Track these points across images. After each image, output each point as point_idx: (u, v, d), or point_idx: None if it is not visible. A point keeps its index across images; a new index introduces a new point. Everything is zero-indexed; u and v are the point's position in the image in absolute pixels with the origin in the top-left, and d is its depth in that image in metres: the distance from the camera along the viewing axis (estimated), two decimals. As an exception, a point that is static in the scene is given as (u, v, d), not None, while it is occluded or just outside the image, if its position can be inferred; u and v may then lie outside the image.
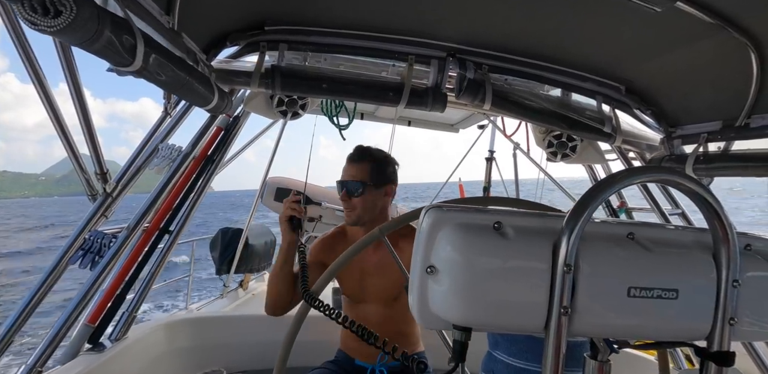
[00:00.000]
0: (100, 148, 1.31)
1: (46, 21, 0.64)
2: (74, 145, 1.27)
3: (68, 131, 1.26)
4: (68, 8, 0.64)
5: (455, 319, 0.53)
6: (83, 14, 0.66)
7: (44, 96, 1.17)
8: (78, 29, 0.68)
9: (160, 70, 1.02)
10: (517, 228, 0.53)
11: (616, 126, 1.67)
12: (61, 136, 1.23)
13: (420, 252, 0.56)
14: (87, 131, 1.26)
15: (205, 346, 2.02)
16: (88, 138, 1.27)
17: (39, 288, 1.24)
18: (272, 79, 1.50)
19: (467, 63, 1.60)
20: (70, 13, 0.64)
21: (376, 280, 1.57)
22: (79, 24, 0.67)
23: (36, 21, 0.64)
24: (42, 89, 1.14)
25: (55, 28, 0.65)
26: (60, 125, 1.23)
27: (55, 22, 0.64)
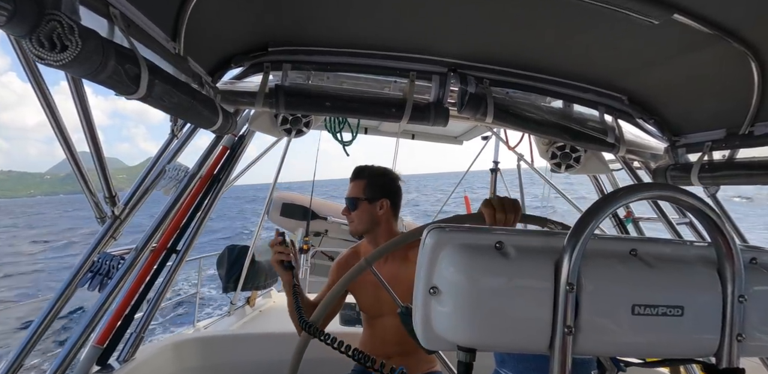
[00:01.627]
0: (108, 173, 1.33)
1: (53, 55, 0.66)
2: (84, 170, 1.29)
3: (78, 158, 1.29)
4: (73, 43, 0.66)
5: (459, 340, 0.53)
6: (88, 47, 0.68)
7: (57, 127, 1.20)
8: (83, 62, 0.70)
9: (164, 96, 1.04)
10: (518, 248, 0.53)
11: (620, 136, 1.67)
12: (72, 162, 1.26)
13: (422, 273, 0.56)
14: (96, 156, 1.29)
15: (214, 366, 2.00)
16: (97, 163, 1.29)
17: (49, 311, 1.25)
18: (276, 98, 1.53)
19: (468, 77, 1.62)
20: (75, 47, 0.67)
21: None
22: (84, 57, 0.69)
23: (43, 56, 0.66)
24: (54, 118, 1.17)
25: (61, 62, 0.67)
26: (71, 153, 1.26)
27: (62, 56, 0.66)
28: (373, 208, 1.65)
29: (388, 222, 1.68)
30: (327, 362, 1.66)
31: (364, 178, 1.68)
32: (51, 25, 0.65)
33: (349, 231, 1.70)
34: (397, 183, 1.75)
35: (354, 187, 1.69)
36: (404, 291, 1.58)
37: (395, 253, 1.64)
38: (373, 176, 1.70)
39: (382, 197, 1.67)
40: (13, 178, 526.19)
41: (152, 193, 1.56)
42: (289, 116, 1.88)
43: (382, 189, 1.69)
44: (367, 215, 1.64)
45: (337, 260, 1.79)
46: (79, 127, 1.29)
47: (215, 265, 3.31)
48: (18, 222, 53.90)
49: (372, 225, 1.65)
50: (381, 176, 1.72)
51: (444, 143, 3.74)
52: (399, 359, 1.61)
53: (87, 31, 0.69)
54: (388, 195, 1.69)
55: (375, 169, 1.73)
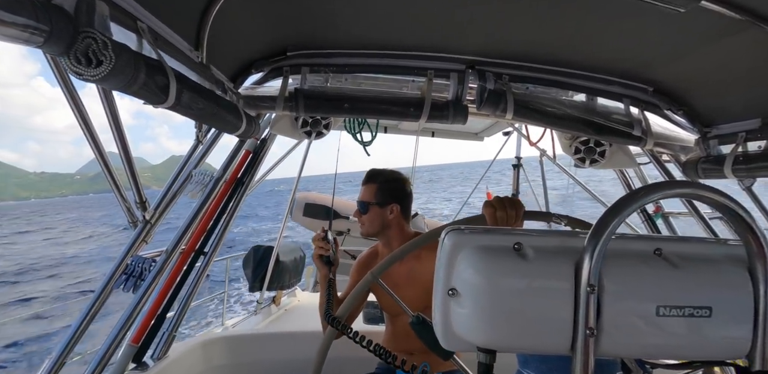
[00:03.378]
0: (139, 180, 1.38)
1: (89, 71, 0.70)
2: (117, 178, 1.35)
3: (111, 167, 1.35)
4: (108, 57, 0.70)
5: (479, 341, 0.53)
6: (121, 61, 0.72)
7: (91, 139, 1.26)
8: (117, 75, 0.73)
9: (191, 103, 1.08)
10: (537, 249, 0.53)
11: (647, 128, 1.62)
12: (105, 171, 1.32)
13: (441, 275, 0.56)
14: (127, 164, 1.34)
15: (242, 364, 2.05)
16: (128, 170, 1.34)
17: (88, 312, 1.31)
18: (296, 101, 1.55)
19: (487, 74, 1.60)
20: (109, 62, 0.70)
21: (407, 291, 1.61)
22: (118, 70, 0.72)
23: (81, 72, 0.70)
24: (88, 131, 1.23)
25: (98, 77, 0.70)
26: (105, 162, 1.32)
27: (98, 70, 0.70)
28: (383, 212, 1.69)
29: (399, 225, 1.72)
30: (351, 361, 1.69)
31: (375, 183, 1.72)
32: (86, 42, 0.69)
33: (360, 233, 1.75)
34: (408, 187, 1.78)
35: (365, 190, 1.73)
36: (420, 291, 1.61)
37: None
38: (384, 181, 1.73)
39: (393, 202, 1.70)
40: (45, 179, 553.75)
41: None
42: (309, 119, 1.90)
43: (393, 194, 1.72)
44: (378, 219, 1.68)
45: (358, 259, 1.84)
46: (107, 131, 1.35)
47: (242, 266, 3.40)
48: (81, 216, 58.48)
49: (382, 228, 1.69)
50: (392, 181, 1.75)
51: (465, 140, 3.71)
52: (421, 356, 1.62)
53: (119, 46, 0.73)
54: (398, 200, 1.72)
55: (386, 173, 1.76)
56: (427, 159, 74.35)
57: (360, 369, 1.72)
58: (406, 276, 1.62)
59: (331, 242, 1.62)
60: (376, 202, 1.68)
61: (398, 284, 1.63)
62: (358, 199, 1.73)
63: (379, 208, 1.68)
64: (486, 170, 4.33)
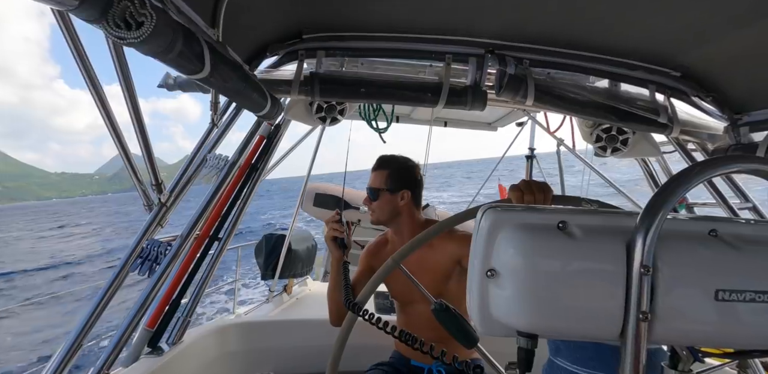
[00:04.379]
0: (155, 161, 1.36)
1: (131, 33, 0.68)
2: (132, 159, 1.33)
3: (127, 147, 1.33)
4: (148, 17, 0.69)
5: (519, 325, 0.51)
6: (161, 21, 0.71)
7: (107, 117, 1.24)
8: (158, 36, 0.72)
9: (224, 76, 1.06)
10: (584, 228, 0.50)
11: (673, 115, 1.56)
12: (121, 152, 1.30)
13: (479, 255, 0.53)
14: (144, 145, 1.32)
15: (255, 350, 2.06)
16: (144, 151, 1.33)
17: (104, 295, 1.31)
18: (311, 86, 1.52)
19: (507, 58, 1.56)
20: (150, 21, 0.69)
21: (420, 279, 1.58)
22: (159, 31, 0.71)
23: (122, 35, 0.68)
24: (104, 110, 1.21)
25: (141, 38, 0.69)
26: (120, 141, 1.30)
27: (139, 32, 0.69)
28: (394, 199, 1.65)
29: (409, 212, 1.68)
30: (364, 349, 1.67)
31: (386, 169, 1.68)
32: (122, 4, 0.67)
33: (370, 220, 1.71)
34: (418, 173, 1.74)
35: (376, 177, 1.69)
36: (431, 278, 1.59)
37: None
38: (396, 167, 1.70)
39: (404, 188, 1.67)
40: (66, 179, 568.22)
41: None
42: (323, 104, 1.87)
43: (404, 180, 1.69)
44: (389, 206, 1.65)
45: (367, 247, 1.81)
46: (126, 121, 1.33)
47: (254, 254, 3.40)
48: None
49: (393, 215, 1.66)
50: (403, 167, 1.71)
51: (478, 130, 3.65)
52: (438, 345, 1.59)
53: (155, 6, 0.71)
54: (409, 186, 1.68)
55: (397, 159, 1.73)
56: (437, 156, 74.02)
57: (373, 358, 1.71)
58: (417, 264, 1.60)
59: (345, 225, 1.60)
60: (387, 189, 1.65)
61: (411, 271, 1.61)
62: (367, 186, 1.70)
63: (390, 195, 1.65)
64: (498, 161, 4.27)
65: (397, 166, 1.70)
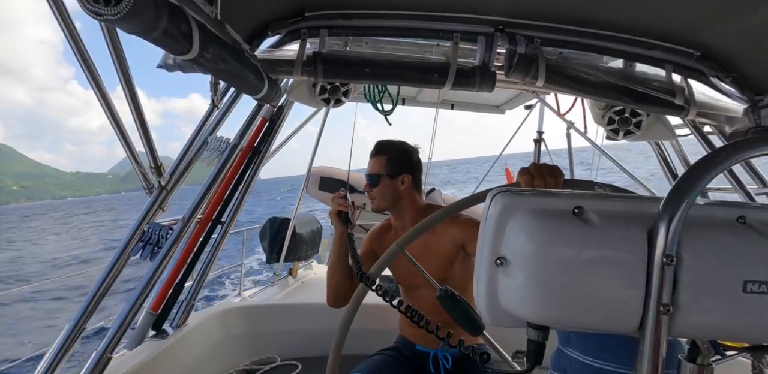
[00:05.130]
0: (153, 143, 1.33)
1: (108, 10, 0.65)
2: (130, 141, 1.30)
3: (124, 128, 1.30)
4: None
5: (530, 317, 0.48)
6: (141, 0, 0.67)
7: (101, 95, 1.20)
8: (138, 15, 0.69)
9: (215, 57, 1.01)
10: (601, 214, 0.46)
11: (690, 97, 1.50)
12: (118, 132, 1.27)
13: (487, 242, 0.50)
14: (141, 126, 1.29)
15: (259, 333, 2.07)
16: (141, 133, 1.30)
17: (104, 279, 1.30)
18: (314, 66, 1.47)
19: (517, 37, 1.49)
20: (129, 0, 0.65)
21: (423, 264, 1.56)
22: (139, 9, 0.68)
23: (99, 11, 0.65)
24: (98, 89, 1.17)
25: (118, 16, 0.66)
26: (116, 122, 1.26)
27: (117, 9, 0.66)
28: (395, 184, 1.63)
29: (411, 196, 1.66)
30: (368, 333, 1.67)
31: (384, 154, 1.65)
32: None
33: (372, 208, 1.69)
34: (417, 157, 1.71)
35: (375, 163, 1.66)
36: (435, 263, 1.56)
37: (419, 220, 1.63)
38: (394, 151, 1.67)
39: (404, 172, 1.64)
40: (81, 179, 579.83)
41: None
42: (327, 85, 1.82)
43: (404, 165, 1.66)
44: (389, 191, 1.63)
45: (370, 232, 1.79)
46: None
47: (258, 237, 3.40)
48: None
49: (394, 201, 1.64)
50: (402, 151, 1.68)
51: (485, 113, 3.57)
52: (443, 329, 1.58)
53: None
54: (409, 170, 1.66)
55: (395, 144, 1.69)
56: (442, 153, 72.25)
57: (377, 343, 1.71)
58: (420, 249, 1.58)
59: (350, 202, 1.58)
60: (387, 174, 1.62)
61: (416, 256, 1.59)
62: (366, 173, 1.67)
63: (390, 180, 1.62)
64: (506, 144, 4.20)
65: (395, 150, 1.67)
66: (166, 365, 1.53)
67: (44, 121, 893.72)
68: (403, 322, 1.71)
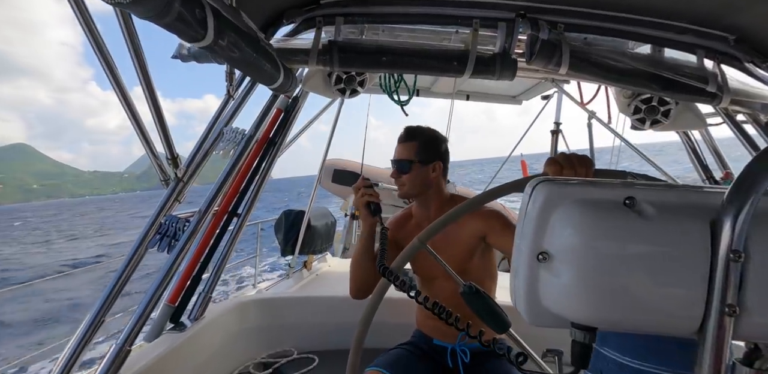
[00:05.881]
0: (170, 134, 1.32)
1: None
2: (147, 132, 1.29)
3: (140, 119, 1.28)
4: None
5: (576, 317, 0.44)
6: None
7: (115, 84, 1.18)
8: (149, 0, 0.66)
9: (231, 45, 0.99)
10: (656, 205, 0.42)
11: (723, 84, 1.43)
12: (134, 123, 1.25)
13: (528, 236, 0.46)
14: (157, 117, 1.28)
15: (276, 326, 2.07)
16: (158, 124, 1.28)
17: (123, 272, 1.30)
18: (330, 55, 1.44)
19: (540, 22, 1.43)
20: None
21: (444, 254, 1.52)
22: None
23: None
24: (113, 77, 1.16)
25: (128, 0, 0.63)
26: (132, 113, 1.25)
27: None
28: (426, 171, 1.57)
29: (438, 185, 1.61)
30: (385, 326, 1.65)
31: (416, 140, 1.59)
32: None
33: (399, 194, 1.62)
34: (447, 145, 1.65)
35: (405, 148, 1.59)
36: (455, 254, 1.51)
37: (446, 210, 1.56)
38: (426, 137, 1.60)
39: (436, 159, 1.58)
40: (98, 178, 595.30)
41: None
42: (343, 75, 1.79)
43: (436, 152, 1.60)
44: (420, 178, 1.57)
45: (390, 220, 1.73)
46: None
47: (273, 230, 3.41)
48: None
49: (424, 188, 1.58)
50: (433, 138, 1.62)
51: (501, 103, 3.50)
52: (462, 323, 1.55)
53: None
54: (441, 158, 1.60)
55: (426, 130, 1.63)
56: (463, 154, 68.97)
57: (394, 337, 1.68)
58: (443, 239, 1.53)
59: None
60: (419, 160, 1.56)
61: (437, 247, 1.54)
62: (395, 158, 1.59)
63: (422, 166, 1.56)
64: (524, 134, 4.12)
65: (427, 136, 1.61)
66: (184, 357, 1.53)
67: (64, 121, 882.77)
68: (421, 316, 1.68)
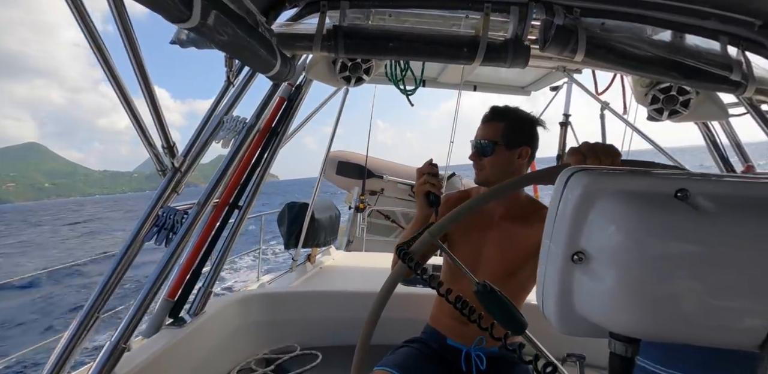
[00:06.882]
0: (165, 121, 1.26)
1: None
2: (142, 121, 1.23)
3: (136, 108, 1.22)
4: None
5: (616, 326, 0.38)
6: None
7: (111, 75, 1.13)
8: None
9: (220, 28, 0.93)
10: (715, 198, 0.36)
11: (748, 72, 1.36)
12: (127, 109, 1.19)
13: (561, 233, 0.41)
14: (150, 103, 1.22)
15: (278, 321, 2.03)
16: (152, 110, 1.22)
17: (117, 265, 1.25)
18: (335, 40, 1.37)
19: (554, 7, 1.36)
20: None
21: (496, 252, 1.42)
22: None
23: None
24: (105, 62, 1.10)
25: None
26: (125, 98, 1.19)
27: None
28: (511, 156, 1.39)
29: (521, 174, 1.42)
30: (393, 322, 1.60)
31: (503, 120, 1.40)
32: None
33: (476, 179, 1.44)
34: (537, 130, 1.46)
35: (489, 128, 1.40)
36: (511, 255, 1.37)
37: (518, 208, 1.43)
38: (514, 118, 1.42)
39: (524, 144, 1.40)
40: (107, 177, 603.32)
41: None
42: (348, 62, 1.72)
43: (524, 135, 1.42)
44: (503, 163, 1.39)
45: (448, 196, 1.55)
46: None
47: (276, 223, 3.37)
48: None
49: (506, 175, 1.40)
50: (523, 119, 1.43)
51: (509, 94, 3.42)
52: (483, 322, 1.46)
53: None
54: (529, 143, 1.42)
55: (516, 111, 1.44)
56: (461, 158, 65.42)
57: (403, 333, 1.62)
58: (506, 237, 1.41)
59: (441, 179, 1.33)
60: (504, 143, 1.38)
61: (492, 241, 1.43)
62: (477, 138, 1.42)
63: (508, 150, 1.39)
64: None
65: (516, 116, 1.42)
66: (183, 353, 1.49)
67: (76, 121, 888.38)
68: (439, 312, 1.56)
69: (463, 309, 0.69)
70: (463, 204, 0.76)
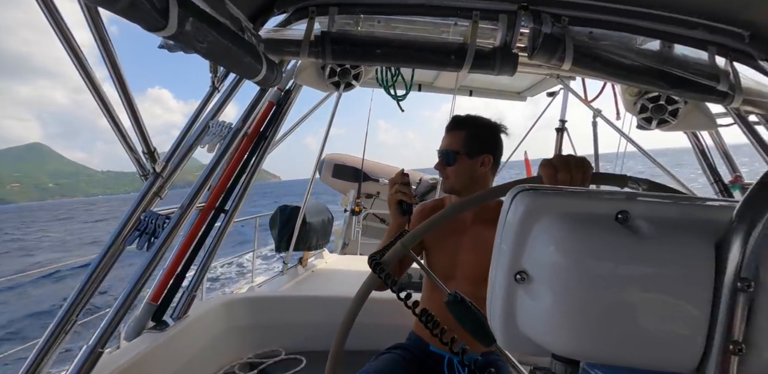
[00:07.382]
0: (144, 126, 1.26)
1: None
2: (122, 126, 1.23)
3: (116, 114, 1.22)
4: None
5: (556, 347, 0.38)
6: None
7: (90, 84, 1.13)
8: None
9: (198, 35, 0.93)
10: (654, 221, 0.36)
11: (735, 83, 1.35)
12: (108, 116, 1.19)
13: (505, 251, 0.40)
14: (129, 108, 1.22)
15: (264, 325, 2.02)
16: (130, 115, 1.22)
17: (95, 269, 1.24)
18: (322, 46, 1.37)
19: (543, 15, 1.37)
20: None
21: (471, 256, 1.44)
22: None
23: None
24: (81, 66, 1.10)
25: None
26: (106, 107, 1.19)
27: None
28: (473, 164, 1.43)
29: (485, 181, 1.46)
30: (377, 328, 1.59)
31: (464, 129, 1.44)
32: None
33: (443, 188, 1.48)
34: (500, 136, 1.49)
35: (452, 138, 1.44)
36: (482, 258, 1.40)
37: (487, 211, 1.45)
38: (476, 127, 1.44)
39: (485, 152, 1.43)
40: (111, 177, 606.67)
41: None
42: (337, 68, 1.72)
43: (485, 143, 1.44)
44: (466, 171, 1.43)
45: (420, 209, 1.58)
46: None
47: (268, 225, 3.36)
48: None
49: (470, 182, 1.43)
50: (485, 127, 1.46)
51: (505, 100, 3.42)
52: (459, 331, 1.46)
53: None
54: (491, 150, 1.45)
55: (477, 119, 1.47)
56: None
57: (388, 338, 1.61)
58: (475, 238, 1.43)
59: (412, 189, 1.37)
60: (465, 152, 1.42)
61: (465, 246, 1.44)
62: (441, 148, 1.45)
63: (469, 159, 1.42)
64: (528, 131, 4.02)
65: (477, 125, 1.45)
66: (164, 357, 1.48)
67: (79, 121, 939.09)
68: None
69: (427, 323, 0.69)
70: (434, 216, 0.76)
